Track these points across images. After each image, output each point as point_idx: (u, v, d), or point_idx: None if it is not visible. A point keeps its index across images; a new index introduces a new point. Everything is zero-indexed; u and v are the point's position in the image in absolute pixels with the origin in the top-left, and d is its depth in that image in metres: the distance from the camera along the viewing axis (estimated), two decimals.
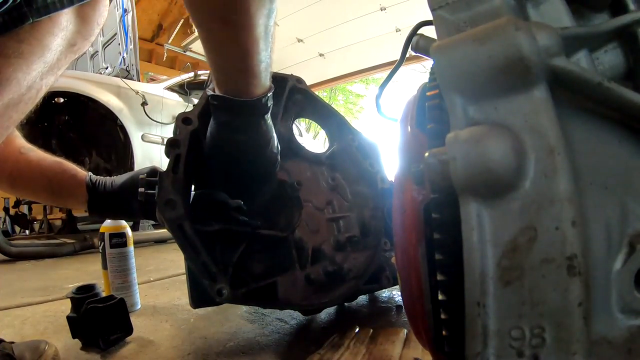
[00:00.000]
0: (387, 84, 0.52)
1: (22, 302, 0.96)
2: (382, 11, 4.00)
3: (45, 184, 0.72)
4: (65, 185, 0.73)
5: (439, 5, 0.29)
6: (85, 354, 0.62)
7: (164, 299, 0.96)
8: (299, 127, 3.77)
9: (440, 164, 0.24)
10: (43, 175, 0.71)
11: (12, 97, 0.38)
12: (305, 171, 0.78)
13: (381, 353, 0.55)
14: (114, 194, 0.72)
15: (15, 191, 0.78)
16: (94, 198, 0.72)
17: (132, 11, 2.67)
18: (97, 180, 0.73)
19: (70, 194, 0.73)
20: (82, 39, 0.43)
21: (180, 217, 0.54)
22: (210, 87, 0.57)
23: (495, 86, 0.24)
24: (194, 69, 3.19)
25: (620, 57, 0.26)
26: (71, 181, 0.73)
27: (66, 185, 0.73)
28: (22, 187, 0.74)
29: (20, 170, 0.70)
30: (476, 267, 0.23)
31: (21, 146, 0.71)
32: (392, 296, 0.90)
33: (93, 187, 0.72)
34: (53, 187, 0.73)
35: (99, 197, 0.72)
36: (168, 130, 2.53)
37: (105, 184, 0.73)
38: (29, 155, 0.71)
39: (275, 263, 0.67)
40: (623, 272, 0.23)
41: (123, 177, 0.74)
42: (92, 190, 0.72)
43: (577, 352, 0.21)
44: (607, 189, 0.24)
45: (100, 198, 0.72)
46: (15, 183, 0.72)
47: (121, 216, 0.79)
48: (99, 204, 0.72)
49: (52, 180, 0.72)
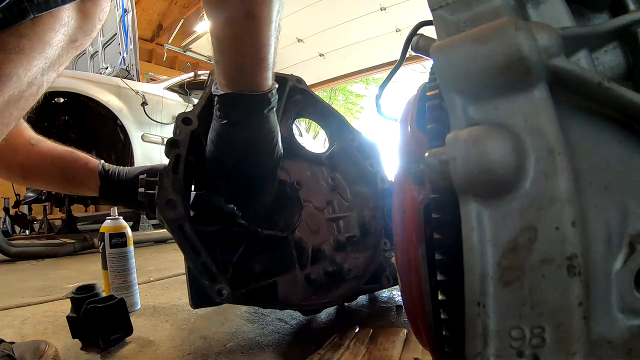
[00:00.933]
0: (387, 84, 0.52)
1: (22, 302, 0.96)
2: (382, 11, 4.00)
3: (58, 173, 0.75)
4: (78, 173, 0.75)
5: (439, 5, 0.29)
6: (85, 354, 0.62)
7: (164, 299, 0.96)
8: (299, 127, 3.77)
9: (440, 164, 0.24)
10: (55, 165, 0.74)
11: (12, 94, 0.38)
12: (305, 171, 0.78)
13: (381, 353, 0.55)
14: (126, 183, 0.75)
15: (28, 182, 0.81)
16: (105, 185, 0.75)
17: (132, 11, 2.67)
18: (110, 169, 0.76)
19: (83, 181, 0.76)
20: (84, 34, 0.43)
21: (180, 217, 0.54)
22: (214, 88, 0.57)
23: (495, 86, 0.24)
24: (194, 69, 3.19)
25: (620, 57, 0.27)
26: (84, 169, 0.75)
27: (79, 173, 0.75)
28: (35, 177, 0.76)
29: (32, 161, 0.73)
30: (476, 267, 0.23)
31: (31, 137, 0.73)
32: (392, 296, 0.90)
33: (106, 174, 0.75)
34: (66, 176, 0.75)
35: (111, 184, 0.75)
36: (168, 130, 2.53)
37: (119, 173, 0.76)
38: (40, 145, 0.74)
39: (275, 263, 0.67)
40: (623, 272, 0.23)
41: (138, 169, 0.77)
42: (104, 177, 0.75)
43: (577, 352, 0.21)
44: (607, 189, 0.24)
45: (112, 185, 0.75)
46: (27, 174, 0.74)
47: (130, 205, 0.80)
48: (110, 191, 0.75)
49: (64, 169, 0.75)
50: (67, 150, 0.77)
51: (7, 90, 0.37)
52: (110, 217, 0.88)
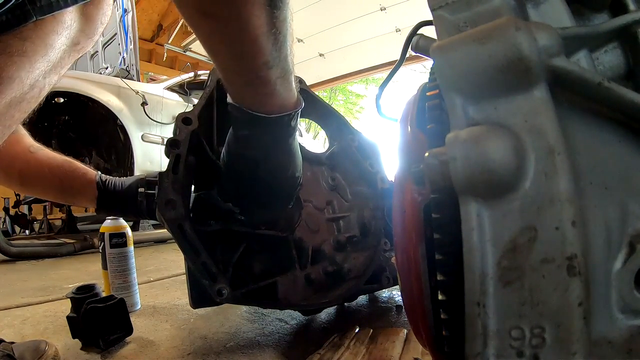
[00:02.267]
0: (387, 84, 0.52)
1: (22, 302, 0.95)
2: (382, 11, 4.00)
3: (56, 183, 0.75)
4: (76, 183, 0.76)
5: (439, 5, 0.29)
6: (85, 354, 0.62)
7: (164, 299, 0.96)
8: (299, 127, 3.77)
9: (440, 164, 0.24)
10: (53, 174, 0.74)
11: (14, 96, 0.38)
12: (305, 171, 0.78)
13: (381, 353, 0.55)
14: (123, 193, 0.76)
15: (25, 189, 0.81)
16: (103, 196, 0.75)
17: (132, 11, 2.67)
18: (107, 180, 0.77)
19: (80, 192, 0.76)
20: (86, 37, 0.43)
21: (180, 217, 0.54)
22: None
23: (495, 86, 0.24)
24: (194, 69, 3.19)
25: (620, 57, 0.26)
26: (82, 179, 0.76)
27: (77, 183, 0.76)
28: (33, 185, 0.76)
29: (30, 169, 0.73)
30: (476, 267, 0.23)
31: (30, 145, 0.74)
32: (392, 296, 0.90)
33: (103, 185, 0.76)
34: (63, 186, 0.75)
35: (109, 195, 0.76)
36: (168, 130, 2.53)
37: (115, 184, 0.77)
38: (39, 154, 0.74)
39: (275, 263, 0.67)
40: (623, 272, 0.23)
41: (133, 178, 0.78)
42: (102, 188, 0.75)
43: (577, 352, 0.21)
44: (607, 189, 0.24)
45: (110, 196, 0.76)
46: (25, 182, 0.74)
47: (128, 214, 0.81)
48: (108, 202, 0.76)
49: (62, 179, 0.75)
50: (65, 160, 0.77)
51: (9, 93, 0.37)
52: (110, 217, 0.88)
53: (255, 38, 0.41)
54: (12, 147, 0.70)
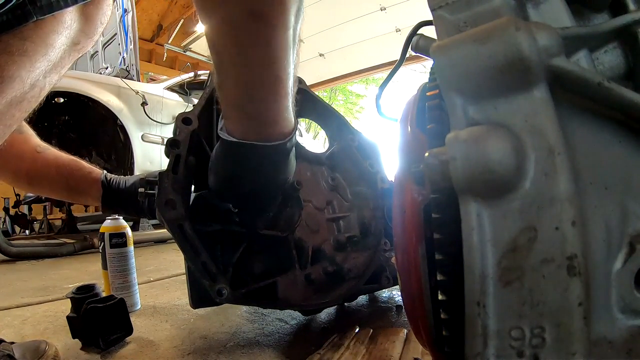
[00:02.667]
0: (387, 84, 0.52)
1: (22, 302, 0.95)
2: (382, 11, 4.00)
3: (63, 182, 0.77)
4: (82, 182, 0.78)
5: (439, 5, 0.29)
6: (85, 354, 0.62)
7: (164, 299, 0.96)
8: (299, 127, 3.77)
9: (440, 164, 0.24)
10: (60, 174, 0.76)
11: (15, 95, 0.39)
12: (305, 171, 0.78)
13: (381, 353, 0.55)
14: (127, 192, 0.78)
15: (33, 189, 0.82)
16: (107, 194, 0.77)
17: (132, 11, 2.68)
18: (111, 178, 0.79)
19: (86, 191, 0.78)
20: (86, 37, 0.43)
21: (180, 217, 0.54)
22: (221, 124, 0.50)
23: (495, 86, 0.24)
24: (194, 69, 3.20)
25: (620, 57, 0.26)
26: (87, 178, 0.78)
27: (82, 182, 0.78)
28: (40, 184, 0.78)
29: (37, 169, 0.74)
30: (476, 267, 0.23)
31: (37, 145, 0.75)
32: (392, 296, 0.90)
33: (108, 184, 0.78)
34: (70, 185, 0.77)
35: (113, 194, 0.78)
36: (168, 130, 2.53)
37: (119, 182, 0.79)
38: (46, 153, 0.75)
39: (275, 263, 0.67)
40: (623, 272, 0.23)
41: (135, 177, 0.79)
42: (106, 187, 0.77)
43: (577, 352, 0.21)
44: (607, 189, 0.24)
45: (114, 195, 0.78)
46: (33, 181, 0.76)
47: (131, 213, 0.82)
48: (112, 200, 0.78)
49: (68, 178, 0.77)
50: (71, 159, 0.79)
51: (9, 92, 0.38)
52: (110, 217, 0.88)
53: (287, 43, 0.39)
54: (20, 148, 0.71)
